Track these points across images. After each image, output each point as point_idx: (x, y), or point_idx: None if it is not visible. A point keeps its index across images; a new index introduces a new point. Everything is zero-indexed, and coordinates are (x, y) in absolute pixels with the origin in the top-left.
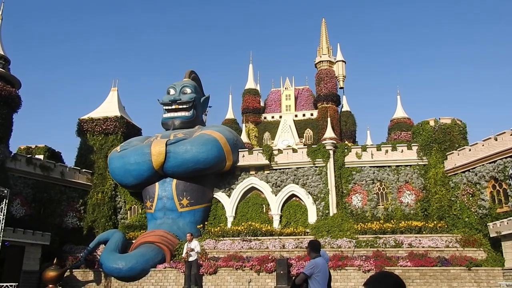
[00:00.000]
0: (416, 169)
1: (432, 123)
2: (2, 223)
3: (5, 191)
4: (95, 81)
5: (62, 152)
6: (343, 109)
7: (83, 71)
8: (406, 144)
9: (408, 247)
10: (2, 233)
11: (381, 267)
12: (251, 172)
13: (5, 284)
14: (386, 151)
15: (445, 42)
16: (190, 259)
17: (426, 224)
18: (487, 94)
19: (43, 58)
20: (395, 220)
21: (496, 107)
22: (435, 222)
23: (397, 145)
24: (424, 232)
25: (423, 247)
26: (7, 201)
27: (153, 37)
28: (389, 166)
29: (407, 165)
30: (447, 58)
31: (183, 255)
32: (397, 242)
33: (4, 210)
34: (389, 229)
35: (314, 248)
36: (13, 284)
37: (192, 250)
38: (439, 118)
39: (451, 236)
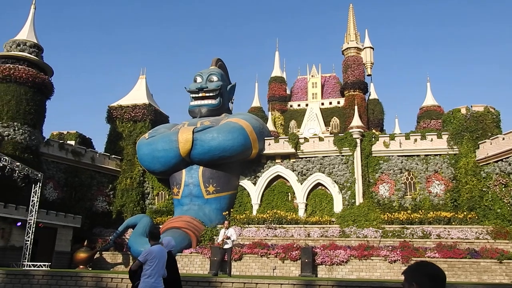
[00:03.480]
0: (446, 159)
1: (463, 111)
2: (36, 206)
3: (39, 175)
4: (124, 69)
5: (92, 138)
6: (370, 97)
7: (113, 59)
8: (436, 133)
9: (436, 238)
10: (36, 215)
11: (407, 258)
12: (276, 160)
13: (39, 263)
14: (415, 140)
15: (478, 30)
16: (226, 246)
17: (456, 215)
18: None
19: (76, 45)
20: (423, 211)
21: None
22: (465, 213)
23: (427, 133)
24: (453, 223)
25: (452, 238)
26: (40, 184)
27: (181, 27)
28: (417, 155)
29: (436, 154)
30: (480, 47)
31: (218, 241)
32: (425, 232)
33: (38, 193)
34: (416, 220)
35: (152, 236)
36: (46, 263)
37: (228, 238)
38: (471, 106)
39: (482, 228)
